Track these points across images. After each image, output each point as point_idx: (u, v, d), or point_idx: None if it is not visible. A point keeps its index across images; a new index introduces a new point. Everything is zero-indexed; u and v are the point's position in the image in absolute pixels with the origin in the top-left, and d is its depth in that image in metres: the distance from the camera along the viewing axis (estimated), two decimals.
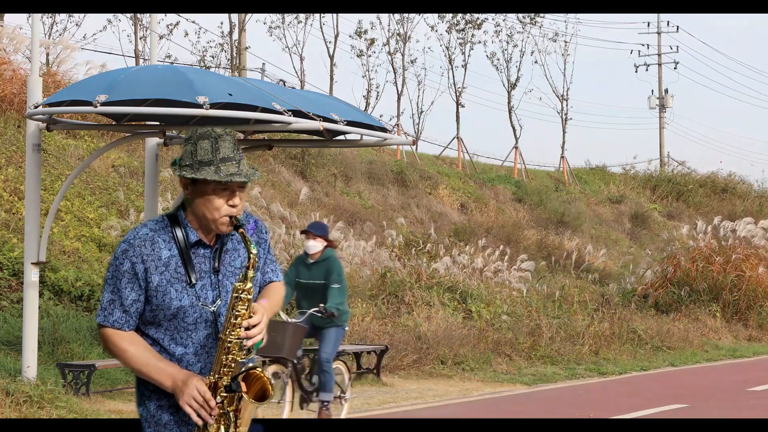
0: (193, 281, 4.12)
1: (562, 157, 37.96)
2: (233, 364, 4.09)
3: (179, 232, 4.14)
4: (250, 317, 4.08)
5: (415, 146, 32.71)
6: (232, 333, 4.06)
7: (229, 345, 4.07)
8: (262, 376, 4.12)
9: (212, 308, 4.15)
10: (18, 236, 15.69)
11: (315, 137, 14.20)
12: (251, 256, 4.10)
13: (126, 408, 12.14)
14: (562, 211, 31.61)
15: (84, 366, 12.52)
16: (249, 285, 4.08)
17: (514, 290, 21.49)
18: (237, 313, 4.06)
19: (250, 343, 4.08)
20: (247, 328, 4.06)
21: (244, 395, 4.09)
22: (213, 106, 11.18)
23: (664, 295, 24.24)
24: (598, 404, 14.00)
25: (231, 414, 4.08)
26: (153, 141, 14.14)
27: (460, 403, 13.89)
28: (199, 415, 4.03)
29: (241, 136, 15.17)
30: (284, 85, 14.11)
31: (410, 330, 17.58)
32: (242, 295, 4.07)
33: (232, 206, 4.11)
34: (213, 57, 30.69)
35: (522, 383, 16.20)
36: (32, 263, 12.32)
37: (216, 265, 4.17)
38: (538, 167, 39.52)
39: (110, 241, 17.46)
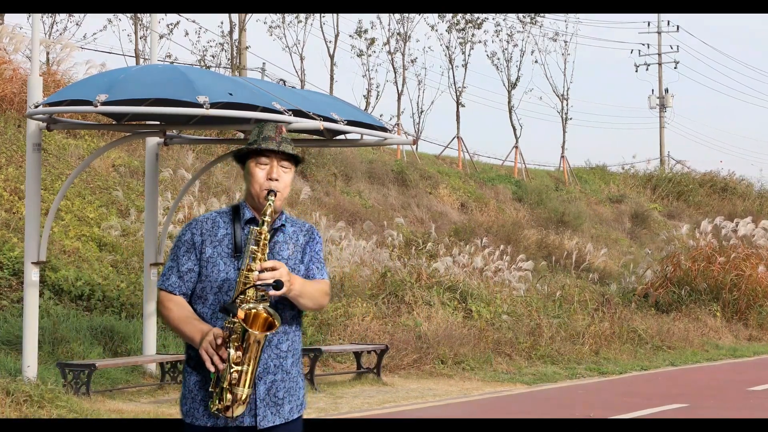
0: (239, 248, 4.50)
1: (562, 156, 37.97)
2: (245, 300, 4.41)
3: (238, 214, 4.61)
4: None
5: (415, 146, 32.69)
6: (248, 275, 4.42)
7: (245, 282, 4.42)
8: (260, 312, 4.40)
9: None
10: (18, 236, 15.69)
11: (315, 137, 14.20)
12: (267, 213, 4.48)
13: (126, 408, 12.13)
14: (562, 210, 31.59)
15: (84, 365, 12.51)
16: (265, 229, 4.45)
17: (514, 290, 21.47)
18: (254, 256, 4.43)
19: (259, 283, 4.39)
20: (261, 271, 4.40)
21: (248, 329, 4.35)
22: (213, 105, 11.18)
23: (665, 295, 24.21)
24: (598, 404, 13.99)
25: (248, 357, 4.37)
26: (153, 141, 14.15)
27: (460, 403, 13.88)
28: (212, 362, 4.36)
29: (242, 135, 15.18)
30: (284, 84, 14.11)
31: (410, 330, 17.57)
32: (260, 238, 4.46)
33: (271, 180, 4.55)
34: (213, 56, 30.70)
35: (522, 383, 16.18)
36: (32, 263, 12.32)
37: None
38: (538, 167, 39.55)
39: (110, 241, 17.45)
